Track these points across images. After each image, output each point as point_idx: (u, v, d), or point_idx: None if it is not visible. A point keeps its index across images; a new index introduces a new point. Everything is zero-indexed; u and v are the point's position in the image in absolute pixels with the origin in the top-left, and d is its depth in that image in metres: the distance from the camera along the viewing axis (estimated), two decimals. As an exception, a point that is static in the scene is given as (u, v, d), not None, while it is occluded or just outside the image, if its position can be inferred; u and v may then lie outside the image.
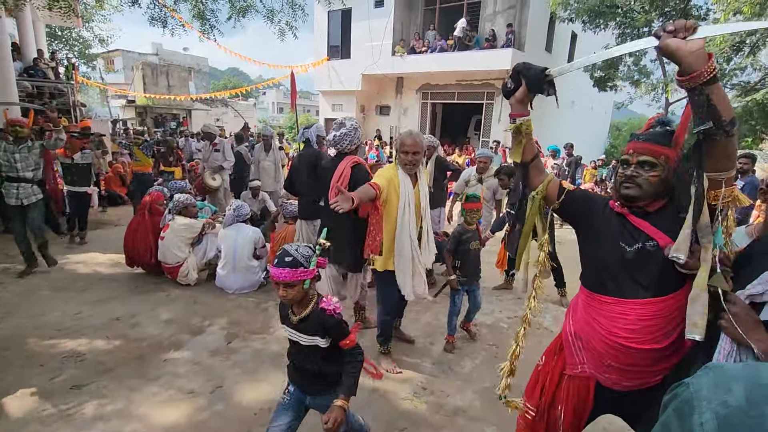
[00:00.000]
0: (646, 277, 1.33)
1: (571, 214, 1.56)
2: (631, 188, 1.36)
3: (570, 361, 1.54)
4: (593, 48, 15.71)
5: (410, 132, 2.70)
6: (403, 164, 2.64)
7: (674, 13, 11.57)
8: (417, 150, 2.62)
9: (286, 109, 47.11)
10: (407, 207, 2.63)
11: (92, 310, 3.65)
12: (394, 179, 2.64)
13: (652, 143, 1.36)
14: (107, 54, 26.37)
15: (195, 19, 7.47)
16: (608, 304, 1.39)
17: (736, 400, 0.33)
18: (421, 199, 2.73)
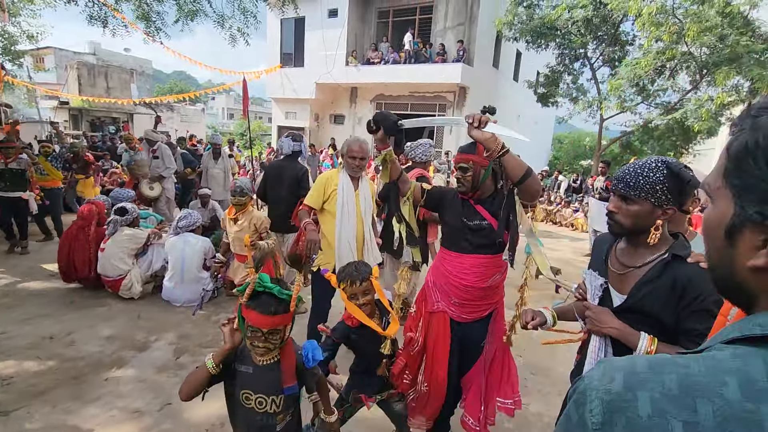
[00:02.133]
0: (478, 242, 1.96)
1: (433, 205, 2.17)
2: (460, 187, 1.99)
3: (430, 301, 2.12)
4: (536, 65, 16.77)
5: (357, 138, 2.82)
6: (350, 168, 2.77)
7: (606, 37, 12.64)
8: (363, 155, 2.76)
9: (237, 116, 45.82)
10: (346, 211, 2.72)
11: (20, 329, 3.35)
12: (330, 184, 2.78)
13: (463, 153, 1.98)
14: (37, 51, 24.35)
15: (139, 20, 7.16)
16: (454, 257, 2.02)
17: (616, 387, 0.40)
18: (361, 203, 2.81)
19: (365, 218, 2.84)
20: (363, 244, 2.84)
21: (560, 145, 26.69)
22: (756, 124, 0.41)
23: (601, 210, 6.63)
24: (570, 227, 9.99)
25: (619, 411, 0.39)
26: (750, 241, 0.41)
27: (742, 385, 0.36)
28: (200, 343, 3.35)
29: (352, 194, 2.76)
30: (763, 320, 0.40)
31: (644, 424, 0.38)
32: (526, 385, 3.03)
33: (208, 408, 2.56)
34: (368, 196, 2.88)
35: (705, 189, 0.49)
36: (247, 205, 3.85)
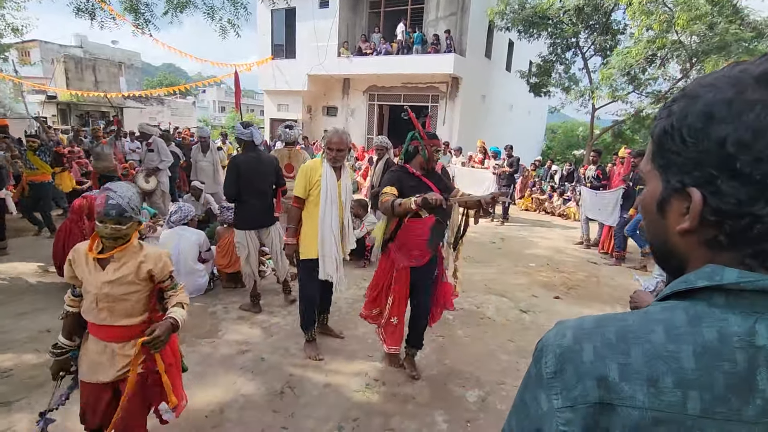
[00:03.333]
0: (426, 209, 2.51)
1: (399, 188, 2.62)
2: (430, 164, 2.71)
3: (396, 264, 2.74)
4: (529, 55, 16.76)
5: (337, 130, 2.94)
6: (328, 159, 2.89)
7: (597, 27, 12.66)
8: (342, 147, 2.88)
9: (228, 108, 45.39)
10: (329, 199, 2.88)
11: (16, 324, 3.37)
12: (314, 174, 2.92)
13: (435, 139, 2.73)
14: (22, 45, 23.88)
15: (127, 11, 7.07)
16: (415, 221, 2.63)
17: (567, 342, 0.48)
18: (342, 192, 2.97)
19: (345, 206, 3.04)
20: (343, 231, 3.04)
21: (553, 134, 26.80)
22: (671, 111, 0.49)
23: (593, 198, 6.72)
24: (562, 216, 10.10)
25: (568, 361, 0.46)
26: (677, 210, 0.49)
27: (666, 330, 0.44)
28: (197, 333, 3.39)
29: (335, 184, 2.91)
30: (687, 278, 0.47)
31: (587, 368, 0.45)
32: (518, 369, 3.11)
33: (207, 395, 2.61)
34: (349, 186, 3.08)
35: (640, 174, 0.57)
36: (132, 238, 1.78)
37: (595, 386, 0.43)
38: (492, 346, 3.46)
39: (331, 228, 2.91)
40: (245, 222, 3.73)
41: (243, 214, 3.72)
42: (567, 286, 5.07)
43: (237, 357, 3.08)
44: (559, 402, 0.45)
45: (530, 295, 4.68)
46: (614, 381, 0.43)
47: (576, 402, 0.44)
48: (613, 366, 0.44)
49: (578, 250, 6.94)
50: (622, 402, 0.42)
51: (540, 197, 10.82)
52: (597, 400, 0.43)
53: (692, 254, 0.49)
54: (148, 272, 1.77)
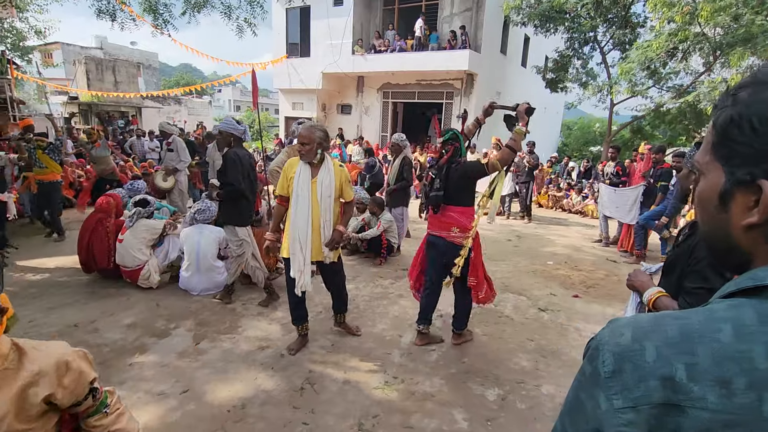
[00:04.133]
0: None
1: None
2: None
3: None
4: (545, 50, 16.51)
5: (307, 124, 2.87)
6: (299, 154, 2.84)
7: (616, 20, 12.39)
8: (304, 141, 2.76)
9: (244, 107, 45.85)
10: (300, 197, 2.80)
11: (47, 318, 3.48)
12: (290, 170, 2.87)
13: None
14: (45, 47, 24.53)
15: (147, 12, 7.19)
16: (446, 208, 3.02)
17: (625, 340, 0.46)
18: (317, 191, 2.82)
19: (321, 205, 2.84)
20: (319, 231, 2.88)
21: (569, 131, 26.40)
22: (736, 100, 0.47)
23: (611, 196, 6.60)
24: (580, 214, 9.94)
25: (627, 360, 0.45)
26: (743, 203, 0.47)
27: (735, 329, 0.42)
28: (218, 329, 3.45)
29: (308, 182, 2.81)
30: (754, 274, 0.46)
31: (650, 368, 0.43)
32: (538, 368, 3.08)
33: (229, 390, 2.66)
34: (328, 184, 2.85)
35: (695, 166, 0.55)
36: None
37: (659, 386, 0.42)
38: (511, 344, 3.43)
39: (298, 230, 2.82)
40: (247, 218, 3.81)
41: (243, 210, 3.75)
42: (586, 284, 5.00)
43: (257, 353, 3.12)
44: (620, 402, 0.44)
45: (548, 293, 4.63)
46: (682, 381, 0.42)
47: (639, 402, 0.43)
48: (679, 366, 0.42)
49: (597, 248, 6.83)
50: (691, 403, 0.41)
51: (557, 194, 10.67)
52: (662, 401, 0.42)
53: (758, 249, 0.47)
54: (45, 399, 1.02)
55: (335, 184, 2.86)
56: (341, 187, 2.91)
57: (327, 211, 2.86)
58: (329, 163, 2.88)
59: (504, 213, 8.92)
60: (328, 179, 2.84)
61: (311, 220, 2.82)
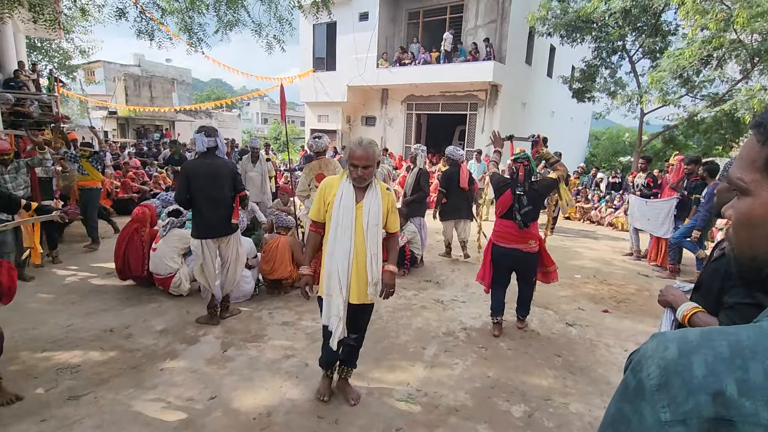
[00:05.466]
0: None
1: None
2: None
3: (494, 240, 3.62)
4: (571, 60, 16.30)
5: (360, 141, 2.35)
6: (352, 178, 2.36)
7: (646, 28, 12.13)
8: (367, 164, 2.29)
9: (271, 120, 47.08)
10: (341, 226, 2.32)
11: (84, 322, 3.64)
12: (329, 192, 2.39)
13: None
14: (88, 65, 25.99)
15: (182, 32, 7.53)
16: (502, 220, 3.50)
17: (671, 354, 0.46)
18: (363, 217, 2.34)
19: (368, 236, 2.36)
20: (364, 268, 2.38)
21: (597, 141, 25.80)
22: None
23: (642, 208, 6.40)
24: (609, 226, 9.66)
25: (674, 374, 0.45)
26: None
27: None
28: (244, 337, 3.52)
29: (351, 207, 2.33)
30: None
31: (699, 383, 0.43)
32: (566, 385, 3.00)
33: (255, 397, 2.71)
34: (377, 209, 2.37)
35: (737, 183, 0.53)
36: None
37: (710, 402, 0.42)
38: (537, 360, 3.36)
39: (338, 265, 2.34)
40: (199, 230, 3.55)
41: (197, 222, 3.57)
42: (616, 299, 4.84)
43: (282, 361, 3.16)
44: (668, 416, 0.44)
45: (576, 308, 4.51)
46: (733, 397, 0.41)
47: (688, 416, 0.43)
48: (730, 381, 0.42)
49: (627, 261, 6.62)
50: (743, 419, 0.41)
51: (584, 206, 10.42)
52: (713, 416, 0.42)
53: None
54: None
55: (381, 208, 2.40)
56: (387, 215, 2.45)
57: (374, 243, 2.38)
58: (377, 186, 2.42)
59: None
60: (375, 205, 2.37)
61: (354, 254, 2.36)
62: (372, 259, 2.38)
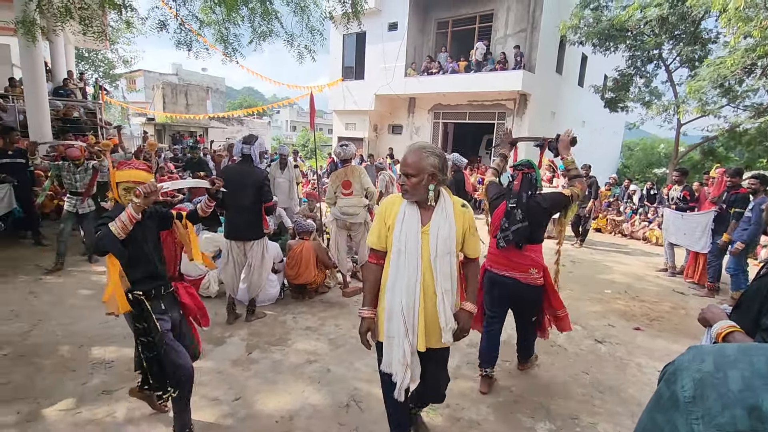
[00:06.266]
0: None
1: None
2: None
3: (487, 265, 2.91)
4: (604, 69, 15.93)
5: (415, 146, 1.91)
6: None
7: (684, 36, 11.73)
8: (411, 171, 1.85)
9: (300, 128, 48.04)
10: (403, 254, 1.89)
11: (119, 320, 3.77)
12: (389, 213, 1.98)
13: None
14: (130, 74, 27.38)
15: (218, 42, 7.82)
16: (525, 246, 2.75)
17: (707, 367, 0.45)
18: (431, 244, 1.87)
19: (437, 268, 1.87)
20: (434, 308, 1.89)
21: (630, 152, 25.02)
22: None
23: (677, 221, 6.15)
24: (643, 240, 9.31)
25: (710, 386, 0.44)
26: None
27: None
28: (269, 341, 3.58)
29: (416, 232, 1.88)
30: None
31: (734, 397, 0.43)
32: (594, 404, 2.90)
33: (278, 401, 2.74)
34: (447, 233, 1.88)
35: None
36: None
37: (745, 416, 0.42)
38: (564, 376, 3.26)
39: (402, 298, 1.88)
40: (226, 231, 3.83)
41: (226, 223, 3.84)
42: (649, 317, 4.65)
43: (305, 366, 3.20)
44: (701, 428, 0.44)
45: (606, 324, 4.36)
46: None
47: (723, 429, 0.43)
48: (766, 397, 0.42)
49: (661, 277, 6.35)
50: None
51: (616, 218, 10.09)
52: (748, 430, 0.42)
53: None
54: None
55: (456, 234, 1.91)
56: (464, 238, 1.97)
57: (445, 276, 1.88)
58: (447, 204, 1.93)
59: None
60: (446, 228, 1.88)
61: (421, 290, 1.89)
62: (444, 296, 1.88)
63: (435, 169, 1.85)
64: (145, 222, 2.24)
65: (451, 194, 2.00)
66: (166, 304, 2.32)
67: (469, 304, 1.99)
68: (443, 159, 1.89)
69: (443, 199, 1.94)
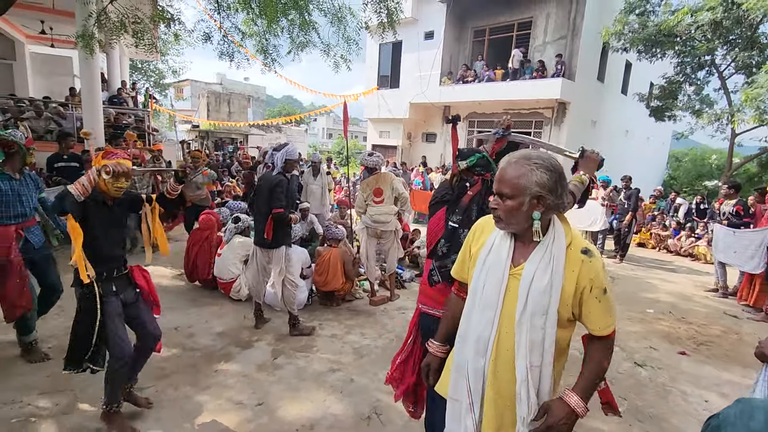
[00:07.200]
0: None
1: None
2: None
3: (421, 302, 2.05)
4: (650, 77, 15.21)
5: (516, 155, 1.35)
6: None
7: (740, 42, 11.03)
8: (509, 191, 1.30)
9: (335, 135, 48.89)
10: (481, 299, 1.39)
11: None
12: (479, 238, 1.50)
13: None
14: (178, 84, 28.92)
15: (259, 53, 8.10)
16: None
17: (756, 426, 0.39)
18: (519, 295, 1.30)
19: (525, 329, 1.29)
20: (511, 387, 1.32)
21: (678, 163, 23.67)
22: None
23: (728, 238, 5.73)
24: (690, 257, 8.75)
25: None
26: None
27: None
28: (294, 347, 3.61)
29: (501, 272, 1.35)
30: None
31: None
32: (630, 433, 2.72)
33: (300, 408, 2.74)
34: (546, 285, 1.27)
35: None
36: None
37: None
38: (598, 400, 3.07)
39: (470, 356, 1.39)
40: (254, 237, 3.89)
41: (255, 229, 3.90)
42: (696, 340, 4.33)
43: (328, 375, 3.19)
44: None
45: (647, 346, 4.09)
46: None
47: None
48: None
49: (711, 298, 5.92)
50: None
51: (661, 233, 9.55)
52: None
53: None
54: None
55: (561, 287, 1.28)
56: (580, 301, 1.30)
57: (535, 345, 1.29)
58: (558, 241, 1.31)
59: (596, 251, 8.23)
60: (546, 276, 1.28)
61: (492, 355, 1.35)
62: (529, 373, 1.29)
63: (543, 190, 1.27)
64: (113, 208, 2.40)
65: (570, 229, 1.36)
66: (118, 286, 2.43)
67: (574, 397, 1.28)
68: (557, 175, 1.29)
69: (553, 234, 1.32)
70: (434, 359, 1.64)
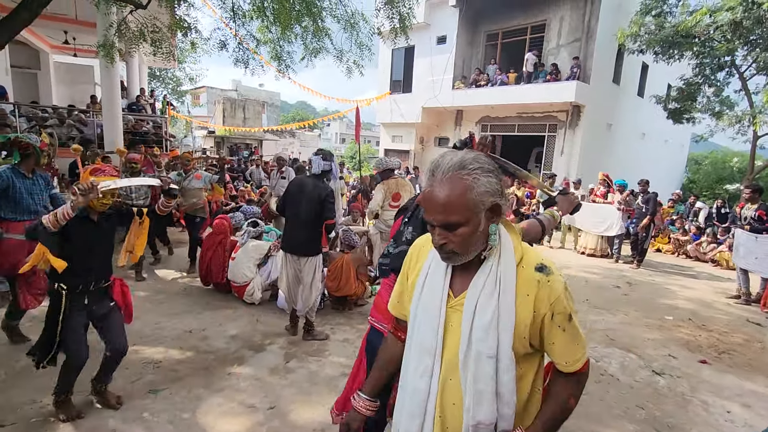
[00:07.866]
0: None
1: None
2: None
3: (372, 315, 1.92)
4: (667, 78, 14.94)
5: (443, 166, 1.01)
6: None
7: (761, 42, 10.76)
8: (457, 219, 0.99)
9: (348, 140, 49.20)
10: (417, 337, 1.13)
11: (169, 322, 4.01)
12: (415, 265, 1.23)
13: None
14: (195, 90, 29.47)
15: (273, 59, 8.21)
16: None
17: None
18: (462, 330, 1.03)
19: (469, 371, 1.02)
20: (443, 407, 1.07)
21: (698, 166, 23.11)
22: None
23: (749, 244, 5.57)
24: (711, 263, 8.52)
25: None
26: None
27: None
28: (307, 351, 3.62)
29: (437, 305, 1.09)
30: None
31: None
32: (648, 443, 2.65)
33: (311, 412, 2.75)
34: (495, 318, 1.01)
35: None
36: None
37: None
38: (616, 409, 3.01)
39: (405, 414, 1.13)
40: (284, 243, 3.77)
41: (283, 234, 3.82)
42: (718, 349, 4.21)
43: (340, 379, 3.19)
44: None
45: (666, 354, 3.99)
46: None
47: None
48: None
49: (733, 305, 5.75)
50: None
51: (681, 238, 9.32)
52: None
53: None
54: None
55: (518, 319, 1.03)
56: (540, 331, 1.05)
57: (482, 396, 1.02)
58: (505, 258, 1.05)
59: (612, 256, 8.07)
60: (492, 304, 1.02)
61: (439, 413, 1.08)
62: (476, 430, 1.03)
63: (495, 197, 1.01)
64: (100, 223, 2.43)
65: (519, 240, 1.11)
66: (92, 299, 2.45)
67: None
68: (498, 171, 1.03)
69: (499, 249, 1.06)
70: (356, 417, 1.29)
